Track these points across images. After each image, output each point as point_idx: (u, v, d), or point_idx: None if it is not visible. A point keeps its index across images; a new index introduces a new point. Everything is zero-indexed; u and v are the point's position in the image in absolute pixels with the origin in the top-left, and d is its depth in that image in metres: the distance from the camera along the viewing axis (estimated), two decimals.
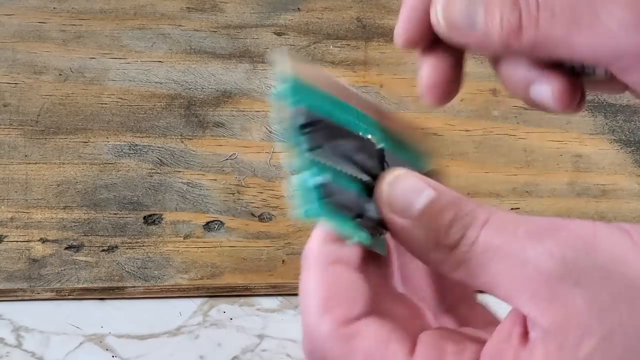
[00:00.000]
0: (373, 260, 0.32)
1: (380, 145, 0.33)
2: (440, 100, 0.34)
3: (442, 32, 0.32)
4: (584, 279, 0.27)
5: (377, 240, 0.31)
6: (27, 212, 0.52)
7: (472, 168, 0.55)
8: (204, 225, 0.52)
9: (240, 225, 0.53)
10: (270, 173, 0.55)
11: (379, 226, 0.31)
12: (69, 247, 0.50)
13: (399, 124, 0.35)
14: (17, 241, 0.50)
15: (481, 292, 0.30)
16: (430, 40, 0.34)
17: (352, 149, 0.32)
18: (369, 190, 0.32)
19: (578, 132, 0.58)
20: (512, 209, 0.53)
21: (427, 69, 0.34)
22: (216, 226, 0.52)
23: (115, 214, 0.52)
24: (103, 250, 0.50)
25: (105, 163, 0.54)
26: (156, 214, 0.52)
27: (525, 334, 0.28)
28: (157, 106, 0.58)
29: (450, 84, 0.34)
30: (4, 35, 0.60)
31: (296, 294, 0.51)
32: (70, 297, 0.49)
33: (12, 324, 0.48)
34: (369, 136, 0.33)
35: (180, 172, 0.54)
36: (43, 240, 0.50)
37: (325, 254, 0.31)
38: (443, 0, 0.32)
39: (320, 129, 0.32)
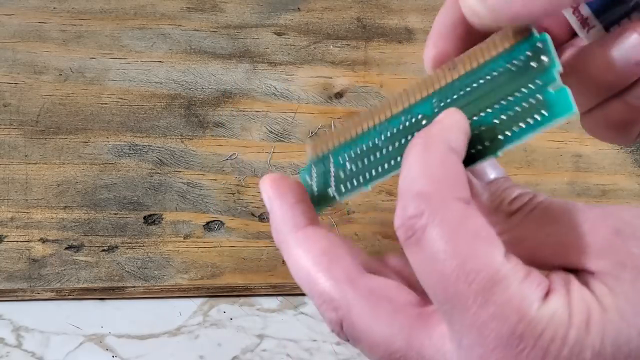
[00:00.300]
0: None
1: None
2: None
3: (483, 21, 0.31)
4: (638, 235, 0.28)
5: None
6: (27, 212, 0.52)
7: None
8: (204, 225, 0.52)
9: (240, 225, 0.53)
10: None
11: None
12: (69, 247, 0.50)
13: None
14: (17, 241, 0.50)
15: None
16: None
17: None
18: None
19: (578, 132, 0.58)
20: None
21: (431, 48, 0.34)
22: (216, 226, 0.52)
23: (115, 214, 0.52)
24: (103, 250, 0.50)
25: (105, 163, 0.55)
26: (156, 214, 0.52)
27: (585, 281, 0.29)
28: (157, 106, 0.58)
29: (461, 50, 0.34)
30: (4, 35, 0.60)
31: (296, 294, 0.51)
32: (70, 297, 0.49)
33: (12, 324, 0.48)
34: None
35: (180, 172, 0.54)
36: (43, 240, 0.50)
37: (290, 218, 0.31)
38: None
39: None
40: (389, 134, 0.34)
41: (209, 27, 0.62)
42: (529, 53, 0.32)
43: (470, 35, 0.34)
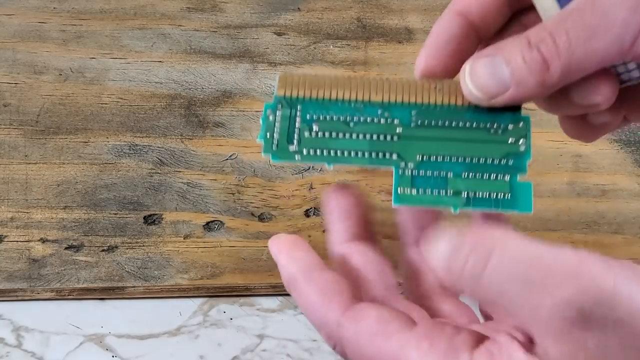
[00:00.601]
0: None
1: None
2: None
3: (481, 102, 0.34)
4: (598, 327, 0.28)
5: None
6: (27, 212, 0.52)
7: None
8: (204, 225, 0.52)
9: (240, 225, 0.53)
10: (270, 173, 0.55)
11: None
12: (69, 247, 0.50)
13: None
14: (17, 241, 0.50)
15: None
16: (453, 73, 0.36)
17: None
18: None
19: None
20: None
21: None
22: (216, 226, 0.52)
23: (115, 214, 0.52)
24: (103, 250, 0.50)
25: (105, 163, 0.55)
26: (156, 214, 0.52)
27: (529, 345, 0.30)
28: (157, 106, 0.58)
29: None
30: (4, 35, 0.60)
31: None
32: (70, 297, 0.49)
33: (12, 324, 0.48)
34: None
35: (180, 172, 0.54)
36: (43, 240, 0.50)
37: (301, 265, 0.33)
38: (468, 72, 0.34)
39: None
40: (361, 119, 0.35)
41: (209, 27, 0.62)
42: (510, 126, 0.35)
43: (462, 53, 0.36)
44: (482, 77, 0.33)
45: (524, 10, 0.37)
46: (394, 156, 0.35)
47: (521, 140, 0.36)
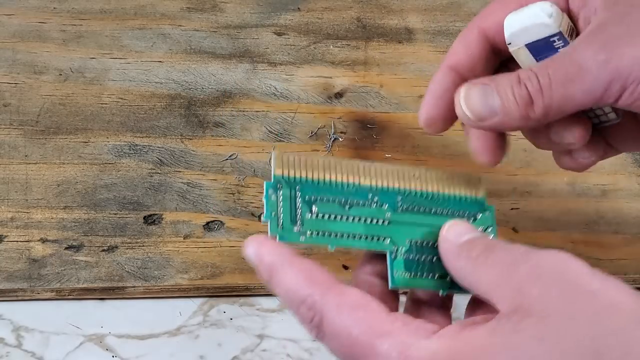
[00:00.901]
0: None
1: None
2: (492, 162, 0.41)
3: (470, 123, 0.39)
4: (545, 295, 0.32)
5: None
6: (27, 212, 0.52)
7: (472, 168, 0.55)
8: (204, 226, 0.52)
9: (240, 225, 0.53)
10: (270, 173, 0.55)
11: None
12: (69, 247, 0.50)
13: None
14: (17, 241, 0.50)
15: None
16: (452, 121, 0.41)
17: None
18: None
19: None
20: (512, 209, 0.53)
21: (474, 140, 0.41)
22: (216, 226, 0.52)
23: (115, 214, 0.52)
24: (103, 250, 0.50)
25: (105, 163, 0.55)
26: (156, 214, 0.52)
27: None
28: (157, 106, 0.58)
29: (497, 148, 0.41)
30: (4, 35, 0.60)
31: None
32: (70, 297, 0.49)
33: (12, 324, 0.48)
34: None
35: (180, 172, 0.54)
36: (43, 240, 0.50)
37: (282, 252, 0.36)
38: (463, 96, 0.38)
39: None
40: (355, 202, 0.39)
41: (209, 27, 0.62)
42: (479, 215, 0.41)
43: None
44: (474, 101, 0.38)
45: (511, 58, 0.41)
46: (387, 240, 0.38)
47: (489, 228, 0.41)
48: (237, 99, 0.58)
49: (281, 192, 0.38)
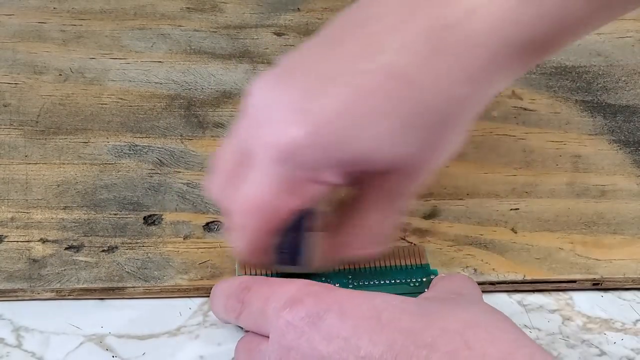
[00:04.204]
0: None
1: None
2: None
3: (246, 259, 0.46)
4: None
5: None
6: (27, 212, 0.52)
7: (471, 169, 0.55)
8: (203, 226, 0.52)
9: None
10: None
11: None
12: (69, 248, 0.50)
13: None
14: (17, 241, 0.50)
15: None
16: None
17: None
18: None
19: (577, 133, 0.58)
20: (511, 209, 0.53)
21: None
22: (216, 227, 0.52)
23: (115, 214, 0.52)
24: (103, 251, 0.50)
25: (105, 163, 0.55)
26: (156, 215, 0.52)
27: None
28: (157, 106, 0.58)
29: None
30: (4, 35, 0.60)
31: None
32: (70, 297, 0.49)
33: (12, 324, 0.48)
34: None
35: (180, 172, 0.55)
36: (43, 241, 0.50)
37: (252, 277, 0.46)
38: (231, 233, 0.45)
39: None
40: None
41: (209, 27, 0.62)
42: (424, 279, 0.46)
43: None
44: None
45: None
46: None
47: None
48: (237, 99, 0.58)
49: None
